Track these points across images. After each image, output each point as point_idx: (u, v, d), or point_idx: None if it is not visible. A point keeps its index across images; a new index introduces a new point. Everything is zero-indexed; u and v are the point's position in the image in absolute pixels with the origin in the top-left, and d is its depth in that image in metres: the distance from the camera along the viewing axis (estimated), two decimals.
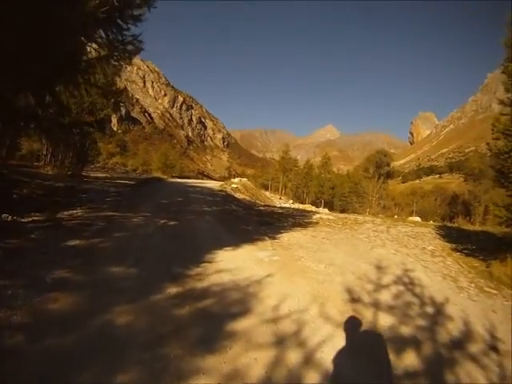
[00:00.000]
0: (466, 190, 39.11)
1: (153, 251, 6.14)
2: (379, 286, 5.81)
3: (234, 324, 3.77)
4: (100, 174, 24.44)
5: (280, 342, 3.54)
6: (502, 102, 8.59)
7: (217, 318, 3.88)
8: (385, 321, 4.48)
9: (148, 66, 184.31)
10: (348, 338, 3.84)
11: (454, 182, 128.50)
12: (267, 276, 5.51)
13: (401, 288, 5.87)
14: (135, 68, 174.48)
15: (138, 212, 9.49)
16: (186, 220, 9.38)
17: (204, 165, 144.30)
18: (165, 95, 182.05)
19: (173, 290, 4.48)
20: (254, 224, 10.76)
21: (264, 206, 18.91)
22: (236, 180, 28.91)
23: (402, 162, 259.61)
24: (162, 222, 8.63)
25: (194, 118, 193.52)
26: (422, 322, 4.59)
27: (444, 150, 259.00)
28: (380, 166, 39.57)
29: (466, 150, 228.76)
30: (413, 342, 4.02)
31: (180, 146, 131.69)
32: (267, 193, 36.77)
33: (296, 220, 13.24)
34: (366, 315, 4.57)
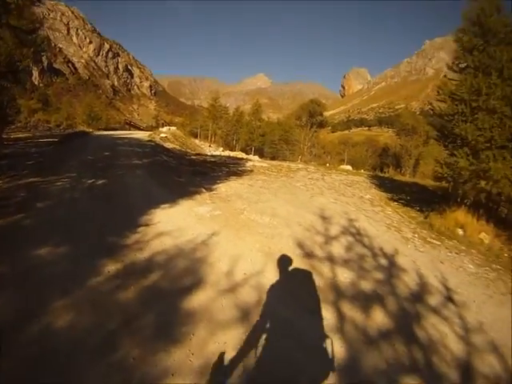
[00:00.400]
0: (397, 143, 40.63)
1: (82, 220, 5.26)
2: (329, 238, 5.71)
3: (190, 301, 3.27)
4: (21, 135, 21.46)
5: (245, 316, 3.14)
6: (450, 68, 8.96)
7: (168, 296, 3.32)
8: (344, 276, 4.35)
9: (73, 12, 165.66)
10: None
11: (383, 135, 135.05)
12: (212, 235, 5.06)
13: (350, 239, 5.83)
14: (59, 14, 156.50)
15: (63, 173, 8.30)
16: (116, 176, 8.46)
17: (131, 114, 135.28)
18: (90, 43, 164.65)
19: (111, 267, 3.77)
20: (188, 175, 10.16)
21: (195, 154, 18.22)
22: (164, 129, 27.64)
23: (332, 112, 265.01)
24: (90, 182, 7.62)
25: (120, 66, 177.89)
26: (379, 276, 4.54)
27: (374, 105, 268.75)
28: (313, 116, 39.52)
29: (396, 107, 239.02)
30: (376, 298, 3.94)
31: (106, 97, 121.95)
32: (197, 141, 35.61)
33: (230, 168, 12.89)
34: (324, 271, 4.41)
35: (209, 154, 21.97)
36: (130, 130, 56.36)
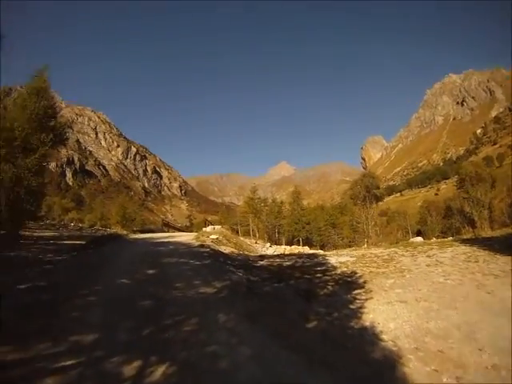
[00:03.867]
0: (460, 197, 35.28)
1: None
2: None
3: None
4: (47, 233, 19.82)
5: None
6: None
7: None
8: None
9: (99, 117, 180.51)
10: None
11: (418, 196, 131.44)
12: None
13: None
14: (86, 119, 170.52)
15: (70, 329, 4.21)
16: (191, 346, 3.87)
17: (164, 215, 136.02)
18: (118, 146, 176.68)
19: None
20: (303, 306, 5.97)
21: (259, 257, 14.46)
22: (209, 229, 23.91)
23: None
24: (134, 371, 3.18)
25: (148, 169, 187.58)
26: None
27: (398, 169, 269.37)
28: (369, 190, 35.80)
29: (419, 165, 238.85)
30: None
31: (138, 198, 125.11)
32: (241, 238, 32.23)
33: (329, 276, 9.05)
34: None
35: (269, 253, 18.74)
36: (168, 231, 53.98)
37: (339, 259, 12.35)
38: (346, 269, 10.11)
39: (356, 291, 7.21)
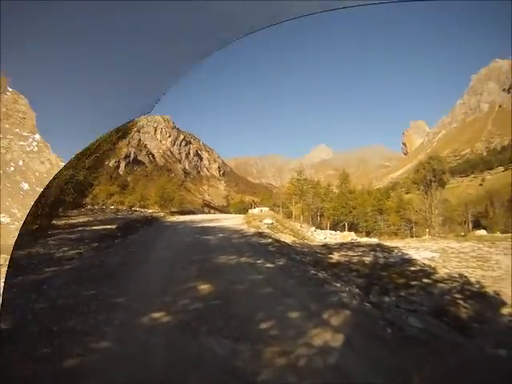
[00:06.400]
0: None
1: None
2: None
3: None
4: (81, 219, 19.15)
5: None
6: None
7: None
8: None
9: (162, 117, 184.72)
10: None
11: (461, 186, 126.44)
12: None
13: None
14: (151, 121, 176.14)
15: None
16: None
17: (201, 195, 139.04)
18: (169, 136, 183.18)
19: None
20: (477, 350, 3.95)
21: (326, 248, 12.43)
22: (256, 211, 21.99)
23: (399, 173, 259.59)
24: None
25: (191, 152, 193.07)
26: None
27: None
28: (435, 175, 32.57)
29: (462, 153, 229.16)
30: None
31: (178, 180, 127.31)
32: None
33: (439, 281, 7.28)
34: None
35: (321, 239, 17.28)
36: (209, 212, 53.14)
37: (421, 254, 11.18)
38: (447, 270, 8.53)
39: (503, 310, 5.44)
